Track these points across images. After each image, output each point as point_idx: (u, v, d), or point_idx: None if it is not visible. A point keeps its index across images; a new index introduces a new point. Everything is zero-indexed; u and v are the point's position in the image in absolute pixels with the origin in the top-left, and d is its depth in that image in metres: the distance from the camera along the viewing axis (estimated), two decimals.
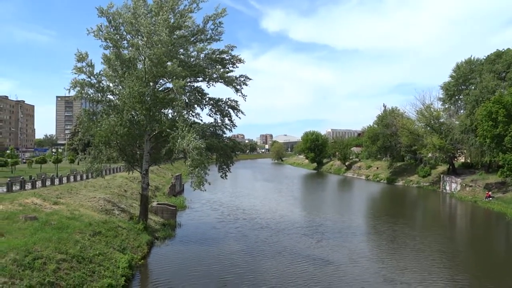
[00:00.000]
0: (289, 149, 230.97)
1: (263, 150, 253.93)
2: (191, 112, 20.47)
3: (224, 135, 21.28)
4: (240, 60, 20.76)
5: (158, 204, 24.92)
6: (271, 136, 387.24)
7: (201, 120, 20.66)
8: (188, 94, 20.17)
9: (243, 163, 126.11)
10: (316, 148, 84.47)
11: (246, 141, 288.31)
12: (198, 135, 16.73)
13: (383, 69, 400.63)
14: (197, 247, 18.67)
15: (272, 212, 28.69)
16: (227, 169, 21.33)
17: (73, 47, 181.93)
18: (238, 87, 20.61)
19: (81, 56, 18.32)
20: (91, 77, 18.55)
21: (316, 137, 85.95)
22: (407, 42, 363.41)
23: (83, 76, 18.39)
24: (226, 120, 21.02)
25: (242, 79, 20.64)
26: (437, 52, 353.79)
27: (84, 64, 18.35)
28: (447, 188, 41.74)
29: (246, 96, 20.86)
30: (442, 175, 44.55)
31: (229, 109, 21.11)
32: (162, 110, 19.41)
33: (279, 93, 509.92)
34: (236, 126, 21.53)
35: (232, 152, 21.60)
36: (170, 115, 19.34)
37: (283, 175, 71.23)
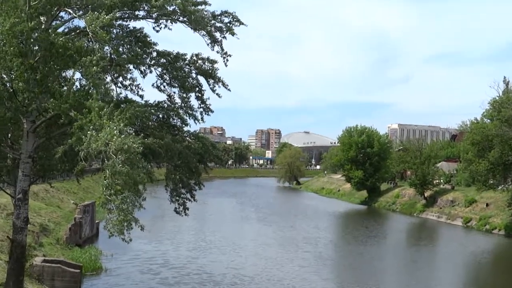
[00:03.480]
0: (313, 160, 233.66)
1: (260, 162, 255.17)
2: (120, 78, 20.63)
3: (185, 129, 21.63)
4: None
5: (45, 261, 25.23)
6: (277, 133, 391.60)
7: (141, 97, 20.78)
8: (116, 42, 20.09)
9: (223, 184, 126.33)
10: (368, 161, 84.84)
11: (228, 142, 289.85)
12: (131, 126, 16.82)
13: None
14: None
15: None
16: (189, 196, 21.58)
17: None
18: (217, 35, 20.68)
19: None
20: None
21: (367, 140, 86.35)
22: None
23: None
24: (193, 99, 21.33)
25: (226, 20, 20.70)
26: None
27: None
28: None
29: (229, 56, 20.88)
30: None
31: (198, 77, 21.40)
32: (62, 73, 19.46)
33: (295, 50, 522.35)
34: (212, 112, 21.78)
35: (201, 163, 21.86)
36: (77, 84, 19.21)
37: (298, 210, 71.82)
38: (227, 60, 20.95)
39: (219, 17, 20.67)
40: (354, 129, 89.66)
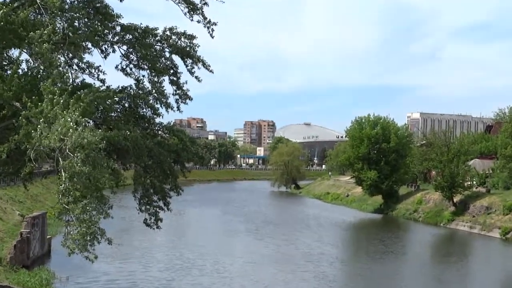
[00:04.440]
0: (315, 159, 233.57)
1: (250, 161, 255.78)
2: (76, 60, 20.71)
3: (157, 121, 21.82)
4: None
5: None
6: (270, 125, 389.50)
7: (102, 82, 20.98)
8: (70, 14, 20.19)
9: (204, 189, 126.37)
10: (383, 159, 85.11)
11: (211, 137, 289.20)
12: (89, 117, 17.00)
13: None
14: None
15: None
16: (162, 205, 21.78)
17: None
18: (197, 1, 20.95)
19: None
20: None
21: (383, 133, 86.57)
22: None
23: None
24: (166, 84, 21.58)
25: None
26: None
27: None
28: None
29: (215, 24, 21.02)
30: None
31: (173, 57, 21.65)
32: (4, 52, 19.58)
33: (292, 21, 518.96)
34: (190, 100, 22.07)
35: (176, 164, 22.07)
36: (24, 66, 19.31)
37: (297, 221, 71.91)
38: (212, 30, 21.05)
39: None
40: (366, 120, 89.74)
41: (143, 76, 21.56)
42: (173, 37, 21.40)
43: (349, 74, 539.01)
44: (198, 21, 21.09)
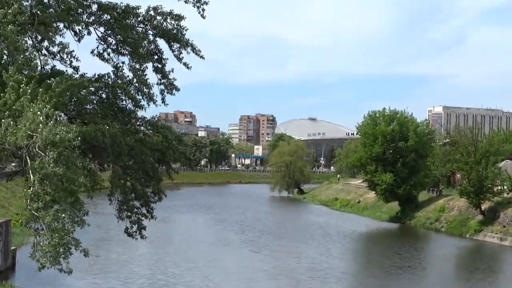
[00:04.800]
0: (321, 159, 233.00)
1: (247, 161, 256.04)
2: (45, 43, 20.94)
3: (139, 115, 22.01)
4: None
5: None
6: (270, 120, 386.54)
7: (75, 69, 21.08)
8: None
9: (193, 193, 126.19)
10: (400, 160, 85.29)
11: (201, 133, 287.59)
12: (62, 110, 17.03)
13: None
14: None
15: None
16: (145, 211, 21.91)
17: None
18: None
19: None
20: None
21: (400, 129, 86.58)
22: None
23: None
24: (149, 72, 21.77)
25: None
26: None
27: None
28: None
29: (206, 3, 21.29)
30: None
31: (158, 41, 21.90)
32: None
33: (293, 1, 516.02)
34: (177, 91, 22.31)
35: (161, 164, 22.21)
36: None
37: (300, 230, 72.12)
38: (203, 10, 21.28)
39: None
40: (380, 115, 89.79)
41: (123, 62, 21.69)
42: (158, 17, 21.49)
43: (361, 62, 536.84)
44: (186, 1, 21.16)
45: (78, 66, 21.06)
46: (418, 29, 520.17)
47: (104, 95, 21.14)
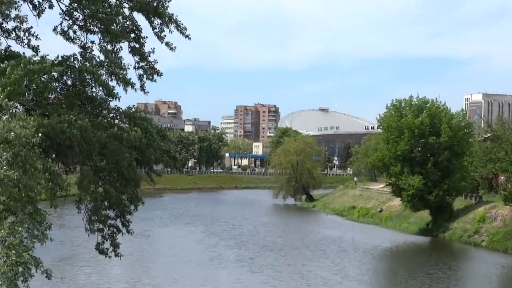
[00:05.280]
0: (335, 158, 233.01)
1: (244, 162, 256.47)
2: None
3: (113, 105, 22.01)
4: None
5: None
6: (272, 112, 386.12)
7: (35, 50, 21.14)
8: None
9: (179, 201, 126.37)
10: (431, 160, 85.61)
11: (188, 127, 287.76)
12: (18, 100, 17.35)
13: None
14: None
15: None
16: (119, 224, 21.99)
17: None
18: None
19: None
20: None
21: (430, 122, 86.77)
22: None
23: None
24: (125, 54, 21.82)
25: None
26: None
27: None
28: None
29: None
30: None
31: (134, 16, 21.88)
32: None
33: None
34: (160, 76, 22.43)
35: (141, 165, 22.39)
36: None
37: (309, 245, 72.76)
38: None
39: None
40: (406, 104, 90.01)
41: (92, 42, 21.68)
42: None
43: (380, 42, 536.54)
44: None
45: (38, 46, 21.03)
46: (451, 1, 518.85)
47: (69, 81, 21.06)
